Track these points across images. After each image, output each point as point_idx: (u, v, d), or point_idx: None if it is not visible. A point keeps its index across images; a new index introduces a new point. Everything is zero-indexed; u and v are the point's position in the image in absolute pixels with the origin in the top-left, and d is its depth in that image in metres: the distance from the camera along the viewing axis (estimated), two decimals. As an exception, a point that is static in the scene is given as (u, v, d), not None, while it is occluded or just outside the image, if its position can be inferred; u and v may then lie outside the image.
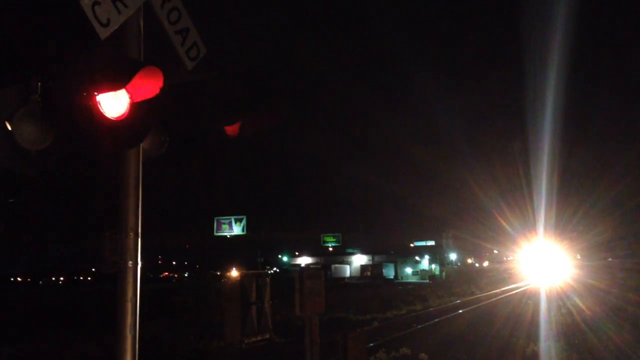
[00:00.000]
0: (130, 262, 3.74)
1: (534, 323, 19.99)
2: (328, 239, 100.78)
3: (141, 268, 3.87)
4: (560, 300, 27.12)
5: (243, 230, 76.98)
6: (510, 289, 48.28)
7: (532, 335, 17.07)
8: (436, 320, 24.53)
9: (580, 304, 24.09)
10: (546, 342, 15.49)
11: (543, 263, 42.05)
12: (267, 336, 18.65)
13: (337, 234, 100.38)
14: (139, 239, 3.82)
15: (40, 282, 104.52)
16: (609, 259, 48.67)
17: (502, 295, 40.29)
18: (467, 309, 29.81)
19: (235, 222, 77.20)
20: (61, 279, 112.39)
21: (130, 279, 3.73)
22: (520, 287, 45.28)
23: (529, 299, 31.23)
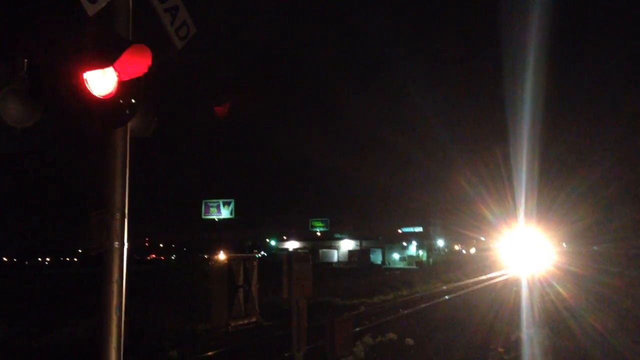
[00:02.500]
0: (117, 243, 3.70)
1: (518, 310, 20.19)
2: (316, 224, 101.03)
3: (127, 249, 3.84)
4: (544, 288, 27.41)
5: (231, 214, 76.97)
6: (496, 275, 48.71)
7: (516, 322, 17.25)
8: (422, 305, 24.74)
9: (564, 292, 24.36)
10: (530, 329, 15.66)
11: (528, 250, 42.39)
12: (254, 319, 18.71)
13: (325, 219, 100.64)
14: (125, 220, 3.78)
15: (27, 263, 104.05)
16: (594, 247, 49.16)
17: (488, 282, 40.66)
18: (453, 295, 30.07)
19: (224, 206, 77.15)
20: (47, 260, 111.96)
21: (116, 260, 3.70)
22: (506, 274, 45.68)
23: (513, 286, 31.53)
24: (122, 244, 3.75)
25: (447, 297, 29.39)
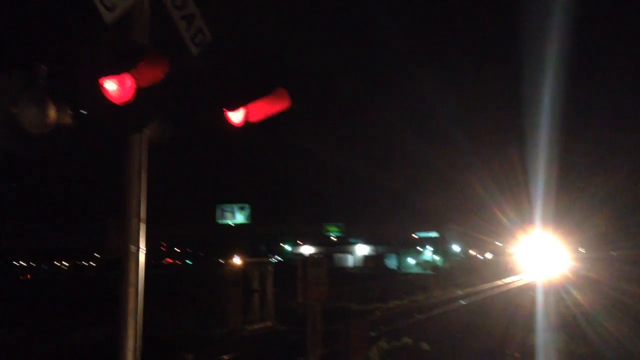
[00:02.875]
0: (134, 247, 3.74)
1: (534, 315, 20.02)
2: (331, 229, 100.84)
3: (146, 255, 3.88)
4: (560, 293, 27.17)
5: (246, 219, 77.21)
6: (512, 280, 48.31)
7: (532, 327, 17.10)
8: (438, 310, 24.59)
9: (580, 298, 24.11)
10: (546, 334, 15.54)
11: (545, 256, 42.03)
12: (269, 324, 18.74)
13: (340, 224, 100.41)
14: (144, 225, 3.82)
15: (45, 267, 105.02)
16: (612, 252, 48.63)
17: (504, 287, 40.32)
18: (468, 300, 29.86)
19: (239, 210, 77.47)
20: (65, 264, 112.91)
21: (133, 264, 3.74)
22: (522, 279, 45.29)
23: (529, 290, 31.26)
24: (139, 249, 3.79)
25: (462, 302, 29.20)
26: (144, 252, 3.84)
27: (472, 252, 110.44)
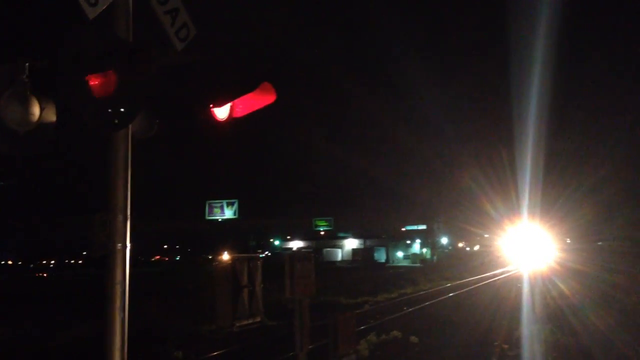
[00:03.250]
0: (119, 244, 3.72)
1: (521, 307, 20.19)
2: (320, 223, 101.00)
3: (131, 250, 3.85)
4: (546, 285, 27.43)
5: (235, 214, 77.09)
6: (500, 272, 48.71)
7: (519, 319, 17.26)
8: (426, 303, 24.75)
9: (566, 289, 24.33)
10: (533, 325, 15.67)
11: (532, 247, 42.34)
12: (259, 319, 18.67)
13: (328, 218, 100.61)
14: (128, 222, 3.80)
15: (32, 265, 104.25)
16: (599, 243, 49.14)
17: (492, 280, 40.64)
18: (457, 293, 30.07)
19: (227, 206, 77.27)
20: (52, 262, 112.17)
21: (119, 262, 3.72)
22: (509, 271, 45.66)
23: (517, 282, 31.52)
24: (125, 245, 3.76)
25: (451, 294, 29.39)
26: (129, 249, 3.82)
27: (460, 244, 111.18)
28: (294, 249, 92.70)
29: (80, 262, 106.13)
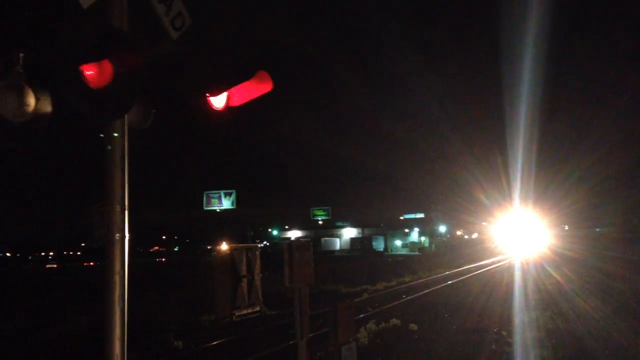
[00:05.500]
0: (118, 235, 3.72)
1: (519, 294, 20.31)
2: (318, 213, 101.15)
3: (129, 241, 3.85)
4: (544, 272, 27.54)
5: (233, 205, 77.17)
6: (498, 260, 48.85)
7: (518, 306, 17.35)
8: (425, 291, 24.82)
9: (560, 278, 24.42)
10: (531, 311, 15.76)
11: (529, 235, 42.52)
12: (258, 309, 18.78)
13: (326, 208, 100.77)
14: (126, 212, 3.80)
15: (30, 257, 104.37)
16: (597, 229, 49.30)
17: (489, 267, 40.75)
18: (455, 281, 30.15)
19: (225, 197, 77.34)
20: (51, 254, 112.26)
21: (117, 252, 3.72)
22: (507, 259, 45.80)
23: (514, 270, 31.65)
24: (124, 236, 3.76)
25: (449, 282, 29.48)
26: (128, 239, 3.82)
27: (459, 232, 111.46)
28: (292, 238, 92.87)
29: (79, 253, 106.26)
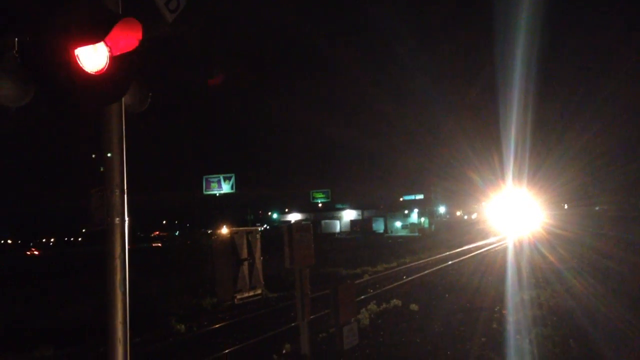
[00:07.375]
0: (117, 219, 3.71)
1: (517, 274, 20.37)
2: (317, 195, 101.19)
3: (129, 226, 3.84)
4: (544, 251, 27.62)
5: (232, 188, 77.13)
6: (497, 240, 49.00)
7: (518, 285, 17.42)
8: (425, 272, 24.91)
9: (557, 258, 24.45)
10: (529, 290, 15.84)
11: (527, 215, 42.56)
12: (259, 292, 18.86)
13: (326, 190, 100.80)
14: (125, 196, 3.78)
15: (31, 244, 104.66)
16: (595, 208, 49.28)
17: (489, 247, 40.88)
18: (455, 261, 30.25)
19: (224, 180, 77.26)
20: (52, 240, 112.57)
21: (117, 236, 3.71)
22: (506, 239, 45.89)
23: (513, 249, 31.68)
24: (123, 220, 3.75)
25: (449, 262, 29.59)
26: (127, 223, 3.81)
27: (458, 212, 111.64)
28: (292, 221, 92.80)
29: (80, 239, 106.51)
